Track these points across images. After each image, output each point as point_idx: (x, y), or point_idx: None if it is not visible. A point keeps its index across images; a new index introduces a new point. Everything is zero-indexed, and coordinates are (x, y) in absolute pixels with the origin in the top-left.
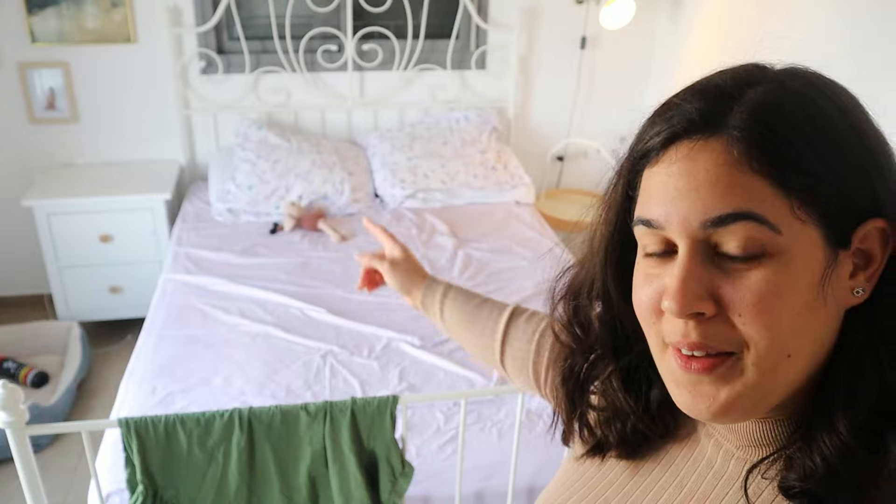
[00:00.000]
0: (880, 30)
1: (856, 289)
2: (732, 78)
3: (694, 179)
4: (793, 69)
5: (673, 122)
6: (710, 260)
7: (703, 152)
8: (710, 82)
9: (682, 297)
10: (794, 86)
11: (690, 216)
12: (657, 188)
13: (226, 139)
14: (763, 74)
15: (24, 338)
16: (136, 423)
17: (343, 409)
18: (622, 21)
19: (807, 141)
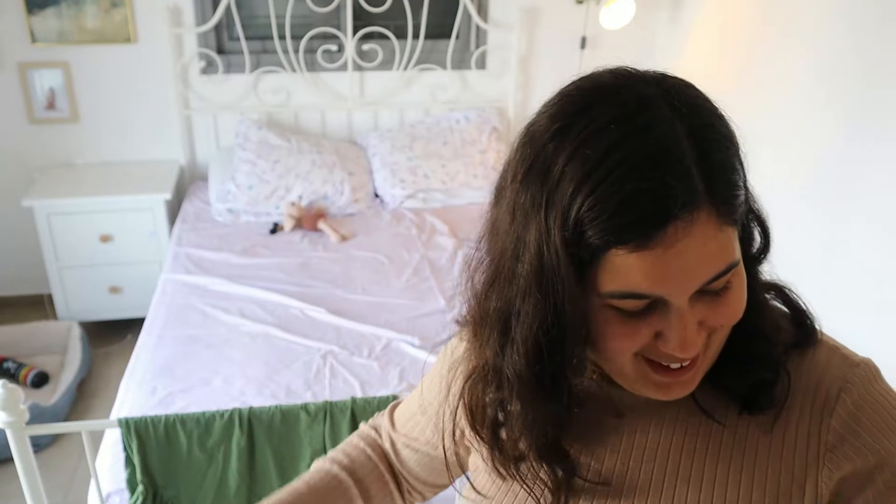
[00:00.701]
0: (880, 30)
1: None
2: (657, 125)
3: (695, 255)
4: (670, 87)
5: (653, 209)
6: (694, 300)
7: (694, 229)
8: (646, 145)
9: (690, 344)
10: (697, 119)
11: (691, 285)
12: (652, 268)
13: (226, 139)
14: (654, 102)
15: (24, 338)
16: (136, 423)
17: (343, 409)
18: (622, 21)
19: (735, 171)
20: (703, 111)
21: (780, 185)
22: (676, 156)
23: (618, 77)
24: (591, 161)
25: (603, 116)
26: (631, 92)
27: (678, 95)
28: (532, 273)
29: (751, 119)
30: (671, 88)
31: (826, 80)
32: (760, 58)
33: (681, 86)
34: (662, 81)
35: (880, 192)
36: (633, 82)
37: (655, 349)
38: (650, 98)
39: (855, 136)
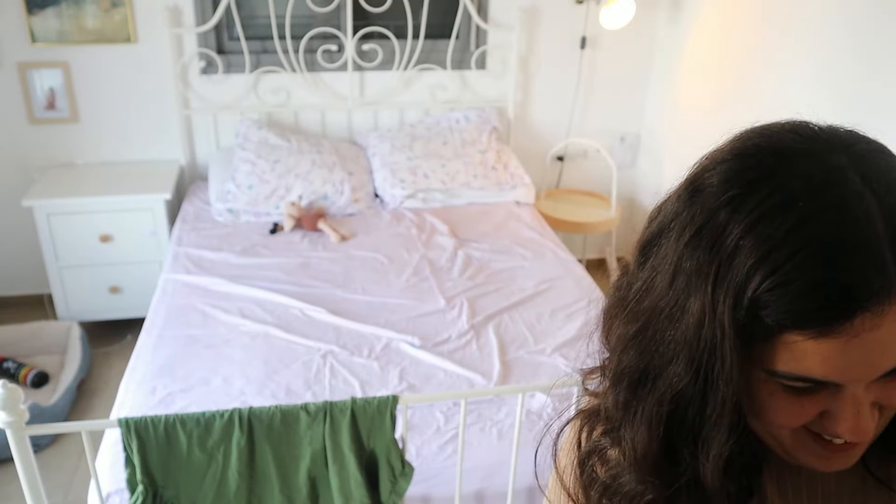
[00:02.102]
0: (880, 29)
1: None
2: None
3: (881, 347)
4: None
5: (839, 300)
6: (872, 382)
7: (884, 319)
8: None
9: (864, 428)
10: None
11: (871, 374)
12: (829, 356)
13: (226, 139)
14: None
15: (24, 338)
16: (136, 423)
17: (343, 409)
18: (622, 21)
19: None
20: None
21: None
22: (868, 240)
23: (802, 140)
24: (772, 239)
25: (786, 189)
26: (818, 161)
27: (871, 165)
28: (686, 342)
29: (751, 118)
30: (863, 157)
31: (826, 78)
32: (760, 57)
33: (873, 153)
34: (852, 147)
35: None
36: (820, 147)
37: (820, 425)
38: (839, 170)
39: None
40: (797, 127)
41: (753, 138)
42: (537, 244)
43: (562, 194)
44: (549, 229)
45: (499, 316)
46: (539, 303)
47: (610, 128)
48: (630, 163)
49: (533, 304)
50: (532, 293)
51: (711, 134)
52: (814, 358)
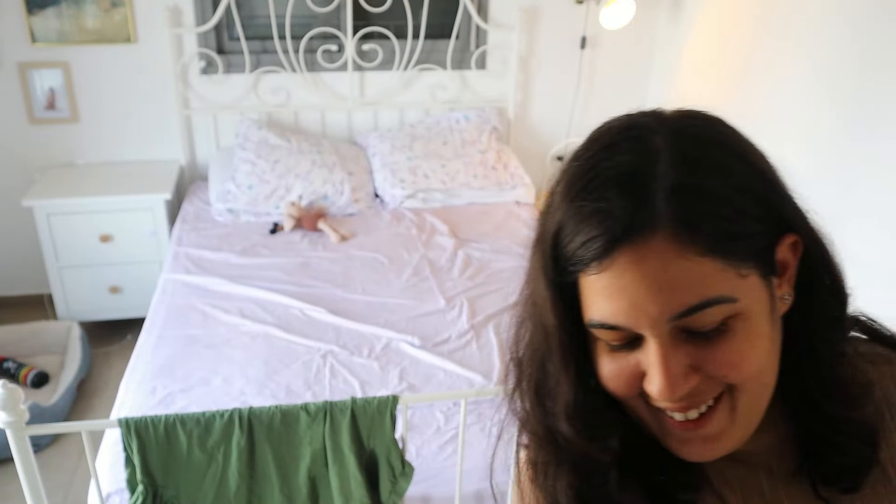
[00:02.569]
0: (880, 29)
1: (783, 296)
2: (636, 150)
3: (652, 283)
4: (680, 119)
5: (603, 230)
6: (682, 339)
7: (649, 254)
8: (618, 167)
9: (670, 387)
10: (692, 147)
11: (658, 316)
12: (612, 295)
13: (226, 139)
14: (659, 131)
15: (24, 338)
16: (136, 423)
17: (343, 409)
18: (622, 21)
19: (727, 202)
20: (709, 143)
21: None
22: (643, 179)
23: (638, 114)
24: (571, 188)
25: (593, 148)
26: (632, 122)
27: (686, 127)
28: (529, 307)
29: (751, 118)
30: (681, 120)
31: (826, 79)
32: (760, 57)
33: (698, 120)
34: (676, 116)
35: (879, 187)
36: (644, 115)
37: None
38: (646, 127)
39: (854, 133)
40: (647, 111)
41: (605, 123)
42: None
43: None
44: None
45: (499, 316)
46: None
47: None
48: None
49: None
50: None
51: None
52: (600, 300)
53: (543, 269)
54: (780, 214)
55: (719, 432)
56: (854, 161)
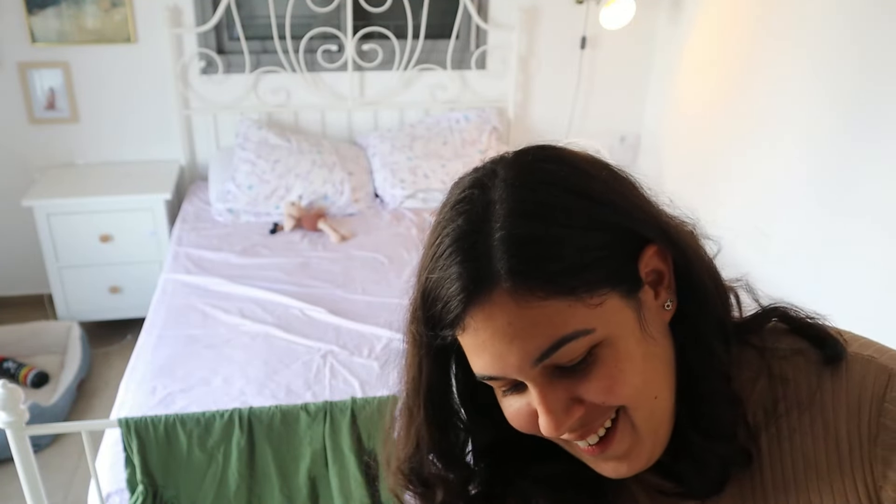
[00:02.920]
0: (880, 29)
1: (665, 304)
2: (473, 210)
3: (503, 336)
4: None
5: (451, 296)
6: (556, 376)
7: (494, 310)
8: (458, 230)
9: (554, 423)
10: (522, 194)
11: (520, 364)
12: (478, 351)
13: (226, 139)
14: (494, 185)
15: (24, 338)
16: (136, 423)
17: (343, 409)
18: (622, 21)
19: (560, 242)
20: (540, 184)
21: (782, 181)
22: (478, 238)
23: (484, 165)
24: (425, 257)
25: (441, 212)
26: (474, 179)
27: (518, 174)
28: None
29: (751, 117)
30: (514, 166)
31: (826, 79)
32: (760, 57)
33: (532, 162)
34: (512, 161)
35: (879, 187)
36: (485, 169)
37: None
38: (483, 184)
39: (854, 133)
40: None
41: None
42: None
43: None
44: None
45: None
46: None
47: (610, 128)
48: (630, 163)
49: None
50: None
51: (711, 134)
52: (470, 356)
53: (416, 334)
54: (632, 230)
55: (627, 450)
56: (854, 161)
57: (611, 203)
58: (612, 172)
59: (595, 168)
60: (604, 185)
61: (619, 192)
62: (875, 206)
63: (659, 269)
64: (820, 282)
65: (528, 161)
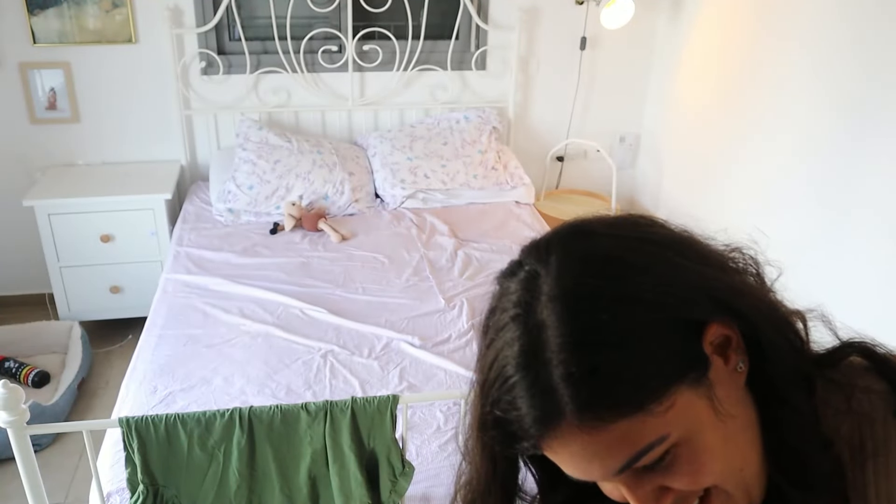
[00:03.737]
0: (880, 30)
1: (737, 366)
2: (525, 338)
3: (581, 458)
4: (557, 273)
5: (525, 427)
6: (641, 473)
7: (566, 439)
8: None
9: None
10: (576, 310)
11: (604, 474)
12: (560, 463)
13: (226, 139)
14: (540, 299)
15: (25, 337)
16: (136, 422)
17: (343, 409)
18: (622, 21)
19: (621, 364)
20: (584, 298)
21: (783, 179)
22: (539, 370)
23: (525, 272)
24: (484, 388)
25: (490, 332)
26: (518, 294)
27: (562, 278)
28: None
29: (751, 117)
30: (562, 266)
31: (826, 77)
32: (760, 57)
33: (572, 259)
34: (558, 261)
35: (879, 186)
36: (530, 266)
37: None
38: (528, 301)
39: (854, 133)
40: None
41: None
42: None
43: (562, 194)
44: (549, 229)
45: None
46: None
47: (610, 128)
48: (630, 163)
49: None
50: None
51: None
52: (563, 467)
53: (489, 441)
54: (690, 319)
55: None
56: (854, 160)
57: (663, 295)
58: (656, 245)
59: (639, 249)
60: (653, 275)
61: (670, 274)
62: (875, 205)
63: (725, 335)
64: (820, 281)
65: (570, 267)
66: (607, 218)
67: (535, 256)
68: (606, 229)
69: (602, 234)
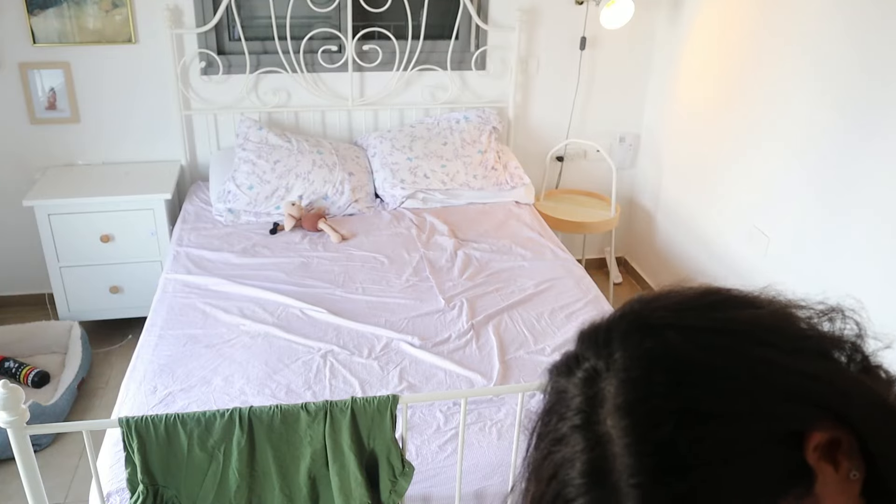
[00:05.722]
0: (879, 29)
1: (850, 474)
2: (587, 451)
3: None
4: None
5: None
6: None
7: None
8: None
9: None
10: (646, 421)
11: None
12: None
13: (226, 139)
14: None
15: (25, 337)
16: (136, 422)
17: (343, 409)
18: (622, 21)
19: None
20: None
21: (782, 178)
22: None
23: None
24: (536, 482)
25: (542, 441)
26: (575, 399)
27: (631, 392)
28: None
29: (750, 117)
30: (626, 374)
31: (825, 78)
32: (760, 57)
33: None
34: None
35: (879, 186)
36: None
37: None
38: (586, 409)
39: (854, 133)
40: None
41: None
42: (537, 244)
43: (561, 194)
44: (548, 229)
45: (498, 316)
46: (539, 303)
47: (609, 128)
48: (630, 163)
49: (533, 304)
50: (532, 293)
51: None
52: None
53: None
54: (796, 422)
55: None
56: (853, 160)
57: (750, 407)
58: (737, 338)
59: (717, 347)
60: (736, 383)
61: (756, 380)
62: (875, 204)
63: (832, 439)
64: (820, 281)
65: (636, 371)
66: (675, 298)
67: (594, 351)
68: (675, 319)
69: (671, 327)
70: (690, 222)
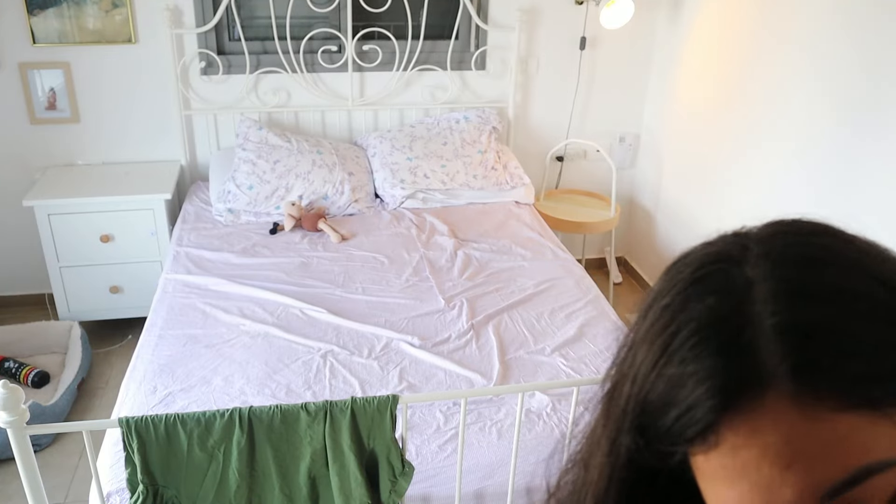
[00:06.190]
0: (879, 29)
1: None
2: (723, 288)
3: (775, 459)
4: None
5: (700, 400)
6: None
7: (763, 421)
8: (704, 314)
9: None
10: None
11: (796, 500)
12: (729, 479)
13: (226, 139)
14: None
15: (25, 337)
16: (136, 422)
17: (343, 409)
18: (622, 21)
19: (862, 335)
20: (817, 262)
21: (782, 178)
22: (738, 324)
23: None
24: (653, 346)
25: (671, 290)
26: (713, 252)
27: (782, 247)
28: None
29: (750, 117)
30: (774, 238)
31: (825, 78)
32: (760, 57)
33: (796, 235)
34: (767, 234)
35: (879, 186)
36: (726, 241)
37: None
38: (731, 256)
39: (854, 133)
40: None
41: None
42: (537, 244)
43: (561, 194)
44: (548, 229)
45: (498, 316)
46: (539, 303)
47: (609, 128)
48: (629, 163)
49: (533, 304)
50: (532, 293)
51: (711, 134)
52: (713, 485)
53: (623, 447)
54: None
55: None
56: (854, 160)
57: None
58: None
59: (878, 248)
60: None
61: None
62: (874, 204)
63: None
64: None
65: (790, 234)
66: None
67: (722, 239)
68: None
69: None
70: (690, 222)
